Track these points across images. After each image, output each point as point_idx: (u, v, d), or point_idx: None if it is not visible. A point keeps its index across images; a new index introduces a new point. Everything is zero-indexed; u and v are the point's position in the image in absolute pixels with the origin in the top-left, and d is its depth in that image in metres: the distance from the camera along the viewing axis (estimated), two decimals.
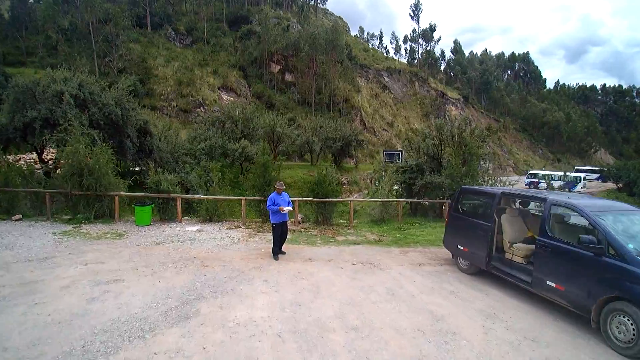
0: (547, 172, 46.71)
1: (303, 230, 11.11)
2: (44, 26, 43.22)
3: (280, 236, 7.82)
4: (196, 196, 11.58)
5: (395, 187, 14.57)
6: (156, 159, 20.44)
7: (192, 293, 5.76)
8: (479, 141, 13.90)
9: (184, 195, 11.30)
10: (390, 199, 12.73)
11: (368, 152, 46.00)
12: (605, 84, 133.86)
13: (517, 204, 7.78)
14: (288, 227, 11.00)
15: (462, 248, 7.32)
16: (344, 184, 26.89)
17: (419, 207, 14.68)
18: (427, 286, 6.51)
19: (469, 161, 13.58)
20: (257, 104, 42.15)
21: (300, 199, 12.01)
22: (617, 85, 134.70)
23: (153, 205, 11.12)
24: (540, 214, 7.73)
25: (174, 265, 7.13)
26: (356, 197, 25.97)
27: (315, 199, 11.76)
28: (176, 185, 11.77)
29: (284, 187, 7.94)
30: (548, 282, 5.56)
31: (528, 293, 6.29)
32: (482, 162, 14.59)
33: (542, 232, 5.80)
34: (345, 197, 21.58)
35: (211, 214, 11.45)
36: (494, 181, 14.30)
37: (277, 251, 7.77)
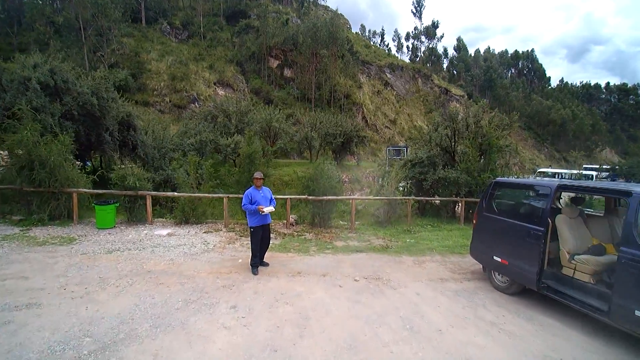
0: (557, 170, 44.85)
1: (295, 233, 9.35)
2: (32, 18, 41.54)
3: (261, 243, 6.06)
4: (169, 193, 9.84)
5: (402, 184, 12.79)
6: (140, 155, 18.78)
7: (124, 328, 4.00)
8: (500, 130, 12.11)
9: (154, 193, 9.56)
10: (398, 197, 10.96)
11: (370, 150, 44.16)
12: (609, 83, 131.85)
13: (569, 202, 6.00)
14: (276, 230, 9.30)
15: (499, 260, 5.53)
16: (345, 182, 25.10)
17: (428, 206, 12.91)
18: (457, 314, 4.73)
19: (487, 153, 11.81)
20: (255, 100, 40.41)
21: (292, 196, 10.24)
22: (621, 84, 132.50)
23: (117, 205, 9.38)
24: (599, 214, 5.96)
25: (117, 282, 5.38)
26: (358, 195, 24.22)
27: (310, 197, 10.00)
28: (149, 181, 10.05)
29: (264, 177, 6.15)
30: (639, 313, 3.80)
31: (597, 323, 4.52)
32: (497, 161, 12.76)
33: (628, 239, 4.02)
34: (346, 196, 19.86)
35: (187, 215, 9.70)
36: (517, 177, 12.52)
37: (256, 263, 6.00)
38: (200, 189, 10.13)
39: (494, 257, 5.64)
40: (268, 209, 5.87)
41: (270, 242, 8.33)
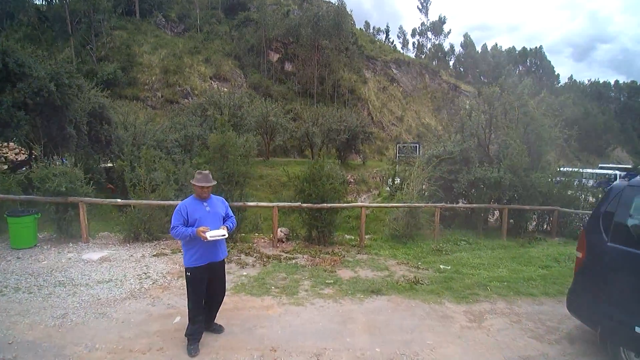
0: (572, 169, 41.78)
1: (284, 255, 6.73)
2: (15, 8, 39.33)
3: (207, 296, 3.43)
4: (108, 200, 7.25)
5: (423, 186, 10.12)
6: (115, 152, 16.34)
7: None
8: (553, 118, 9.41)
9: (89, 199, 6.97)
10: (423, 204, 8.29)
11: (376, 148, 41.44)
12: (618, 80, 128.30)
13: None
14: (258, 249, 6.45)
15: None
16: (351, 182, 22.41)
17: (448, 213, 10.18)
18: None
19: (536, 146, 9.13)
20: (254, 95, 37.86)
21: (280, 204, 7.62)
22: (630, 82, 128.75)
23: (38, 215, 6.81)
24: None
25: None
26: (365, 198, 21.56)
27: (304, 205, 7.38)
28: (89, 184, 7.44)
29: (212, 182, 3.49)
30: None
31: None
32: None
33: None
34: (351, 200, 17.21)
35: (137, 229, 7.11)
36: (568, 179, 9.86)
37: (197, 333, 3.33)
38: (157, 193, 7.48)
39: (637, 329, 2.98)
40: (216, 233, 3.22)
41: (244, 271, 5.77)
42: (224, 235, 3.27)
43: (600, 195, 9.41)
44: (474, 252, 7.50)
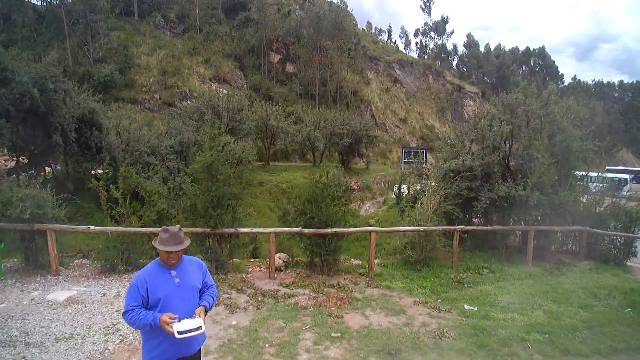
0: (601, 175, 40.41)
1: (282, 291, 5.84)
2: (9, 8, 38.59)
3: None
4: (81, 227, 6.34)
5: (437, 199, 9.17)
6: (106, 159, 15.47)
7: None
8: (581, 127, 8.48)
9: (59, 226, 6.07)
10: (441, 227, 7.36)
11: (380, 151, 40.51)
12: (622, 80, 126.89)
13: None
14: (252, 283, 5.34)
15: None
16: (354, 189, 21.49)
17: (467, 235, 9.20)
18: None
19: (567, 160, 8.20)
20: (254, 97, 37.00)
21: (278, 230, 6.71)
22: (634, 82, 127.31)
23: (1, 245, 5.93)
24: None
25: None
26: (369, 206, 20.63)
27: (306, 231, 6.46)
28: (60, 205, 6.55)
29: (183, 244, 2.45)
30: None
31: None
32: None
33: None
34: (355, 211, 16.32)
35: (114, 260, 6.21)
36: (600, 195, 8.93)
37: None
38: (138, 217, 6.57)
39: None
40: (188, 325, 2.23)
41: (234, 319, 4.87)
42: (200, 329, 2.28)
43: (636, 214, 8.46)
44: (499, 284, 6.57)
